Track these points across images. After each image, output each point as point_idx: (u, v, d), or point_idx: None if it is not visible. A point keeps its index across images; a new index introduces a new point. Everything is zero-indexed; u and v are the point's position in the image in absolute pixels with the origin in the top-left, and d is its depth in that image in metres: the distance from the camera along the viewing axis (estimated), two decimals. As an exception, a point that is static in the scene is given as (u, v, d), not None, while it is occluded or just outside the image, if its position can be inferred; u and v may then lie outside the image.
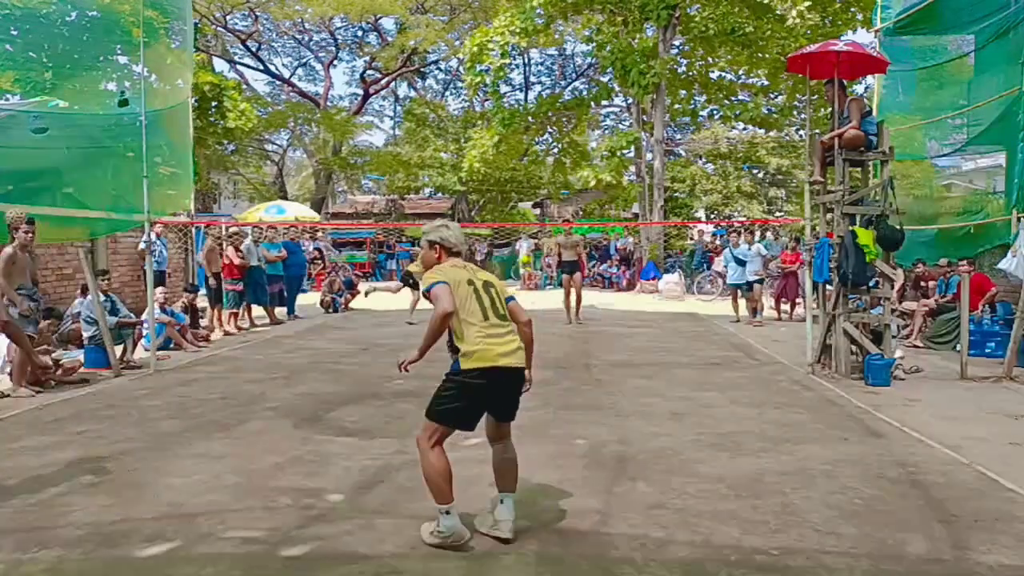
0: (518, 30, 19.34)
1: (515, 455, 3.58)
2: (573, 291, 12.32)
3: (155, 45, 9.29)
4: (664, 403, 6.30)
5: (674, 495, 4.01)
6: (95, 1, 8.60)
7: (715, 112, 22.67)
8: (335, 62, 33.29)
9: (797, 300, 12.64)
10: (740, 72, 22.96)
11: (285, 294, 13.13)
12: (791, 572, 3.12)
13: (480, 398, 3.40)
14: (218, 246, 11.38)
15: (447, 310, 3.29)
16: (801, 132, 23.68)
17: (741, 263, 12.47)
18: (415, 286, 11.19)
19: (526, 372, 3.51)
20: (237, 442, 5.11)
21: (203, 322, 11.03)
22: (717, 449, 4.89)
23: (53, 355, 7.48)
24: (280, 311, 12.85)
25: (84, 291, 8.58)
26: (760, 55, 19.94)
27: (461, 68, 27.18)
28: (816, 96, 13.53)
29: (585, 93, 24.10)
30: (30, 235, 6.71)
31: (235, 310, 11.39)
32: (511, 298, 3.61)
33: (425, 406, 3.47)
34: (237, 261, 11.12)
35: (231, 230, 13.48)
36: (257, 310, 12.21)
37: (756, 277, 12.54)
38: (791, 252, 12.94)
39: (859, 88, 16.07)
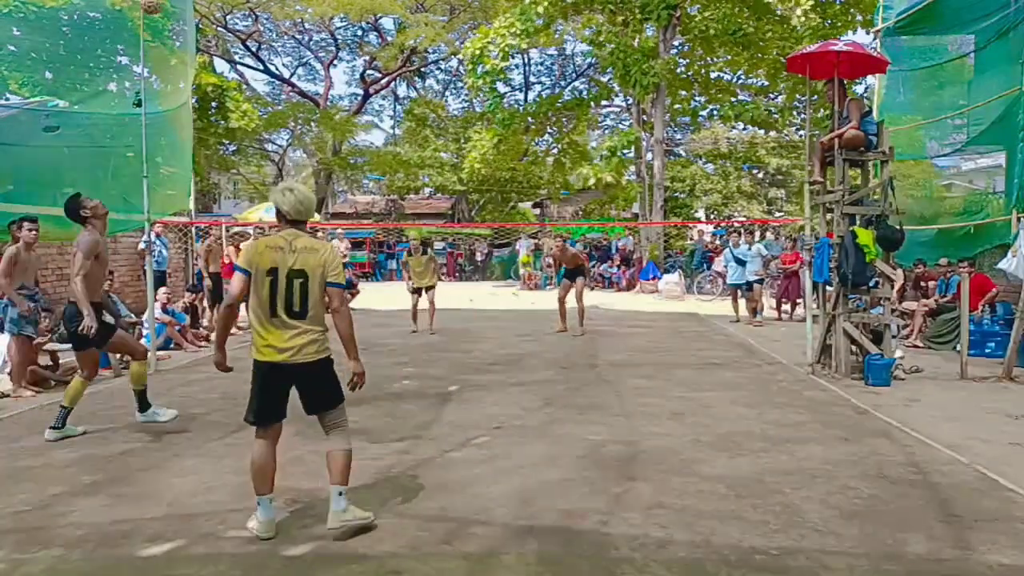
0: (518, 31, 19.35)
1: (341, 449, 3.49)
2: (573, 296, 11.00)
3: (159, 47, 9.32)
4: (664, 403, 6.30)
5: (674, 495, 4.01)
6: (100, 3, 8.62)
7: (715, 112, 22.70)
8: (335, 62, 33.34)
9: (798, 300, 12.64)
10: (740, 72, 22.98)
11: None
12: (791, 572, 3.12)
13: (264, 391, 3.42)
14: (217, 246, 11.39)
15: (229, 303, 3.44)
16: (801, 132, 23.69)
17: (741, 263, 12.48)
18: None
19: (340, 362, 3.49)
20: (237, 442, 5.10)
21: (203, 322, 11.03)
22: (717, 449, 4.89)
23: (47, 346, 7.48)
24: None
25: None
26: (760, 56, 19.96)
27: (462, 69, 27.20)
28: (816, 96, 13.55)
29: (585, 93, 24.13)
30: (34, 232, 6.73)
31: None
32: (338, 284, 3.45)
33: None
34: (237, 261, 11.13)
35: (233, 230, 13.50)
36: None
37: (756, 277, 12.55)
38: (790, 252, 12.95)
39: (859, 88, 16.08)
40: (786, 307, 13.14)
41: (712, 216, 33.59)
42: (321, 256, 3.41)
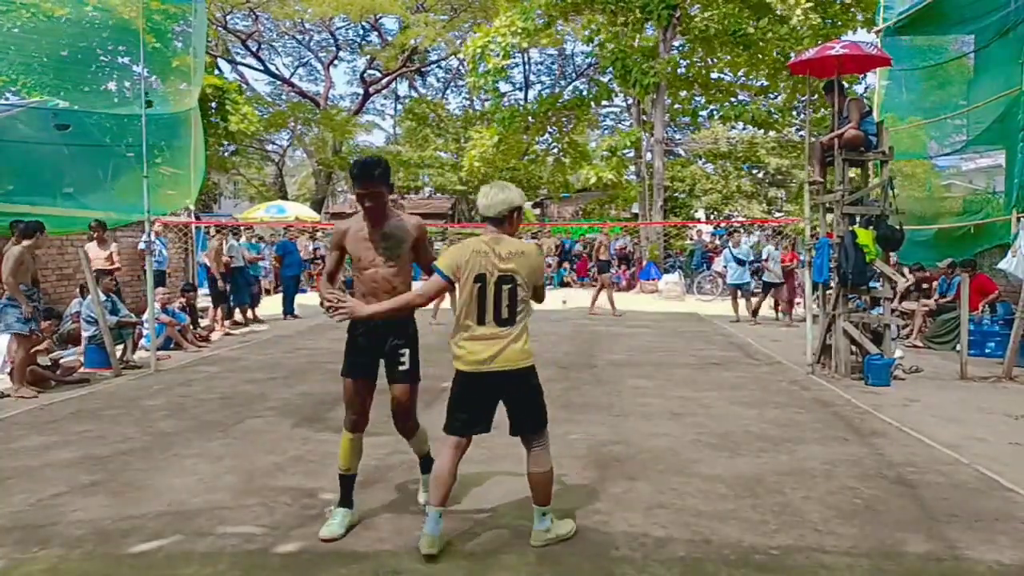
0: (519, 30, 19.35)
1: (542, 471, 3.33)
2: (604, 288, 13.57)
3: (165, 51, 9.35)
4: (664, 403, 6.30)
5: (674, 495, 4.01)
6: (108, 9, 8.65)
7: (715, 112, 22.71)
8: (335, 62, 33.34)
9: (797, 300, 12.64)
10: (740, 73, 22.96)
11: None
12: (791, 572, 3.12)
13: (466, 402, 3.29)
14: (219, 245, 11.42)
15: (418, 302, 3.31)
16: (801, 132, 23.68)
17: (741, 263, 12.48)
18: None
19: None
20: (237, 442, 5.11)
21: (203, 322, 11.05)
22: (716, 449, 4.89)
23: (52, 355, 7.49)
24: (277, 312, 12.92)
25: (84, 291, 8.58)
26: (760, 56, 19.95)
27: (462, 68, 27.17)
28: (816, 96, 13.56)
29: (585, 93, 24.08)
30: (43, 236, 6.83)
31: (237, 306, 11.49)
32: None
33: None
34: (225, 260, 11.22)
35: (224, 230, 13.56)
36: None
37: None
38: (787, 252, 12.96)
39: (859, 88, 16.09)
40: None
41: (712, 216, 33.54)
42: (530, 260, 3.25)
